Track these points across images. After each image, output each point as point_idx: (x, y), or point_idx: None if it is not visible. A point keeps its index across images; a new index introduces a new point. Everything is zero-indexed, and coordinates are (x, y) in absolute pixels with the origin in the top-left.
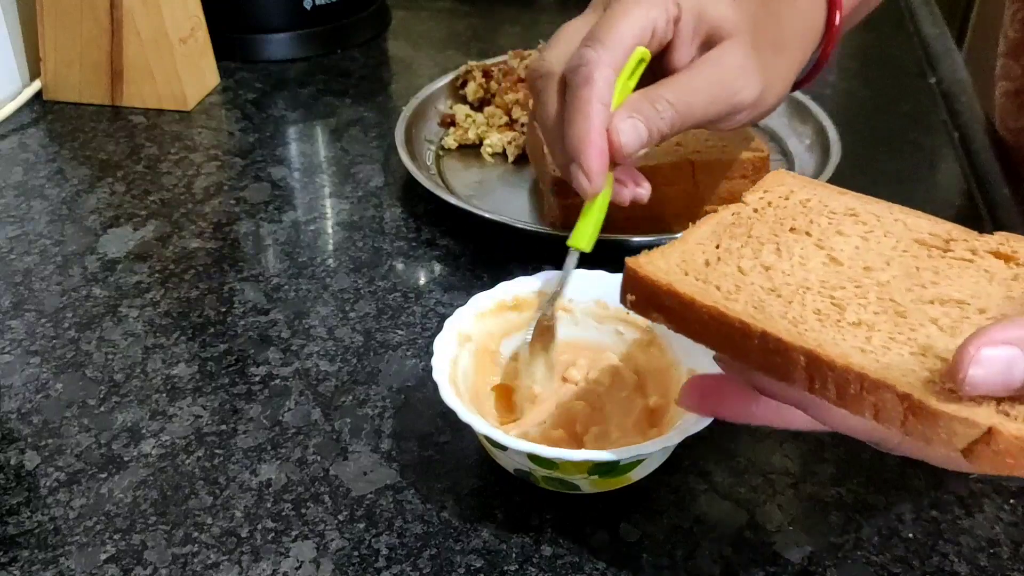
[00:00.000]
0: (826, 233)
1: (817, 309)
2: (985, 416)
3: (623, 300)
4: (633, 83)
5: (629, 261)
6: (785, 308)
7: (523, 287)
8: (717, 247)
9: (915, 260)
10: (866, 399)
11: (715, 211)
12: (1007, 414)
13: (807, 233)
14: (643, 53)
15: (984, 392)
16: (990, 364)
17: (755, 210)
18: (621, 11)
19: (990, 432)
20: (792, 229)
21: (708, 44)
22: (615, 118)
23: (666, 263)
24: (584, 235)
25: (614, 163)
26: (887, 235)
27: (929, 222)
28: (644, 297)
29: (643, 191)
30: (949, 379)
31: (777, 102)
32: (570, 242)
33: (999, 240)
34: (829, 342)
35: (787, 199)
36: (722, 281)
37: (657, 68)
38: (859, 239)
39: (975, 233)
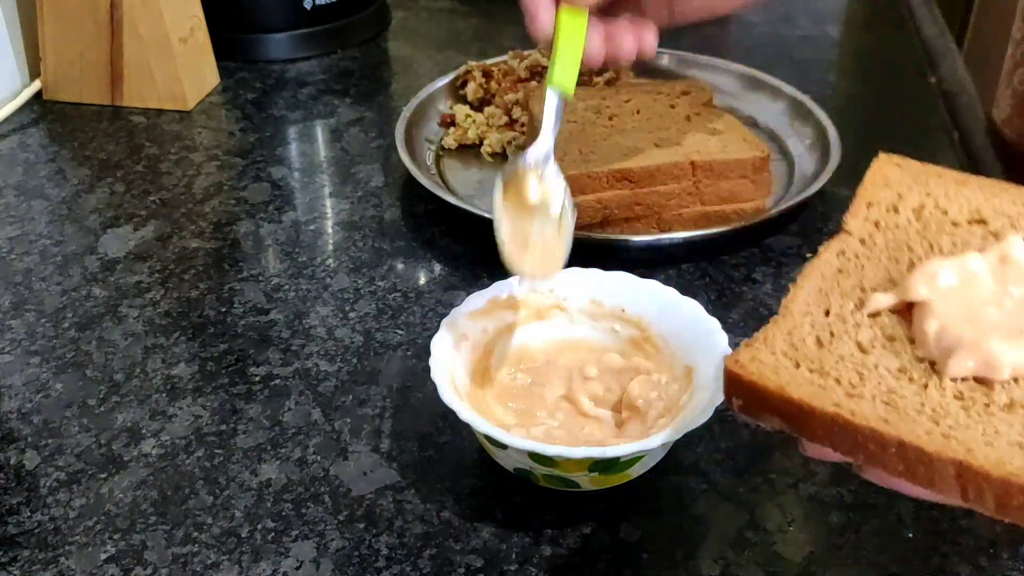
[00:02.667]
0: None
1: (959, 393)
2: None
3: (729, 404)
4: None
5: (728, 362)
6: (920, 396)
7: (517, 286)
8: (827, 314)
9: None
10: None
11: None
12: None
13: None
14: None
15: None
16: None
17: (862, 241)
18: None
19: None
20: (912, 266)
21: None
22: None
23: (772, 355)
24: (564, 73)
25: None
26: None
27: None
28: (753, 403)
29: (648, 45)
30: None
31: None
32: (550, 81)
33: None
34: (980, 443)
35: (896, 211)
36: (841, 370)
37: None
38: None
39: None
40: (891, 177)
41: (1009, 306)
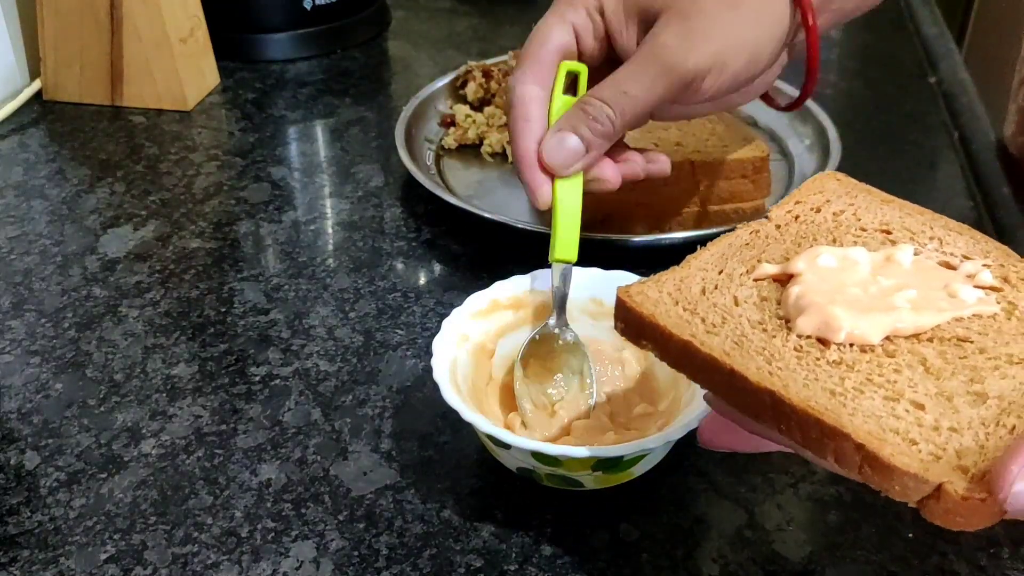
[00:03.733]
0: None
1: (799, 346)
2: (936, 474)
3: (615, 326)
4: (575, 99)
5: (620, 291)
6: (765, 344)
7: (517, 286)
8: (720, 272)
9: (929, 290)
10: (827, 444)
11: (732, 229)
12: (964, 471)
13: None
14: (574, 67)
15: None
16: None
17: (777, 227)
18: (538, 25)
19: (939, 490)
20: None
21: (647, 24)
22: (544, 137)
23: (657, 292)
24: (564, 245)
25: (556, 176)
26: (913, 256)
27: (969, 241)
28: (631, 326)
29: (662, 165)
30: (987, 493)
31: (749, 60)
32: (554, 256)
33: None
34: (798, 383)
35: (818, 211)
36: (710, 312)
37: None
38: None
39: (1016, 257)
40: (827, 187)
41: (872, 291)
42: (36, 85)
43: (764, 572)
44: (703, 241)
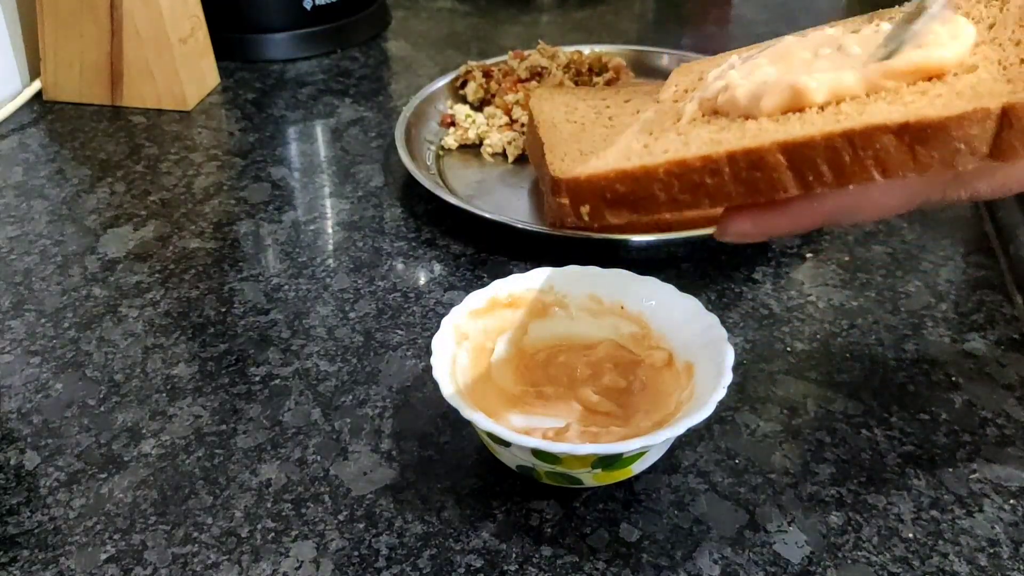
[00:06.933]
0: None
1: (777, 117)
2: (991, 98)
3: (576, 215)
4: None
5: (556, 173)
6: (742, 128)
7: (517, 284)
8: (650, 134)
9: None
10: (862, 156)
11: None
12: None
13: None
14: None
15: None
16: None
17: (675, 100)
18: None
19: (1005, 114)
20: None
21: None
22: None
23: (603, 162)
24: None
25: None
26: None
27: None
28: (596, 198)
29: None
30: None
31: None
32: None
33: None
34: (805, 127)
35: (701, 80)
36: (669, 144)
37: None
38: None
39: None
40: (691, 69)
41: (826, 52)
42: (36, 85)
43: (765, 573)
44: (703, 241)
